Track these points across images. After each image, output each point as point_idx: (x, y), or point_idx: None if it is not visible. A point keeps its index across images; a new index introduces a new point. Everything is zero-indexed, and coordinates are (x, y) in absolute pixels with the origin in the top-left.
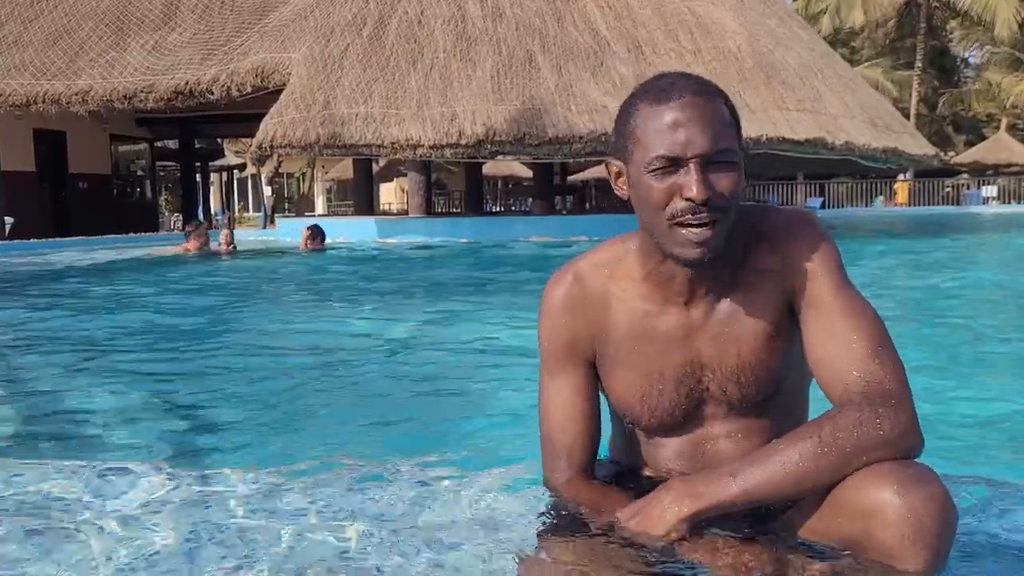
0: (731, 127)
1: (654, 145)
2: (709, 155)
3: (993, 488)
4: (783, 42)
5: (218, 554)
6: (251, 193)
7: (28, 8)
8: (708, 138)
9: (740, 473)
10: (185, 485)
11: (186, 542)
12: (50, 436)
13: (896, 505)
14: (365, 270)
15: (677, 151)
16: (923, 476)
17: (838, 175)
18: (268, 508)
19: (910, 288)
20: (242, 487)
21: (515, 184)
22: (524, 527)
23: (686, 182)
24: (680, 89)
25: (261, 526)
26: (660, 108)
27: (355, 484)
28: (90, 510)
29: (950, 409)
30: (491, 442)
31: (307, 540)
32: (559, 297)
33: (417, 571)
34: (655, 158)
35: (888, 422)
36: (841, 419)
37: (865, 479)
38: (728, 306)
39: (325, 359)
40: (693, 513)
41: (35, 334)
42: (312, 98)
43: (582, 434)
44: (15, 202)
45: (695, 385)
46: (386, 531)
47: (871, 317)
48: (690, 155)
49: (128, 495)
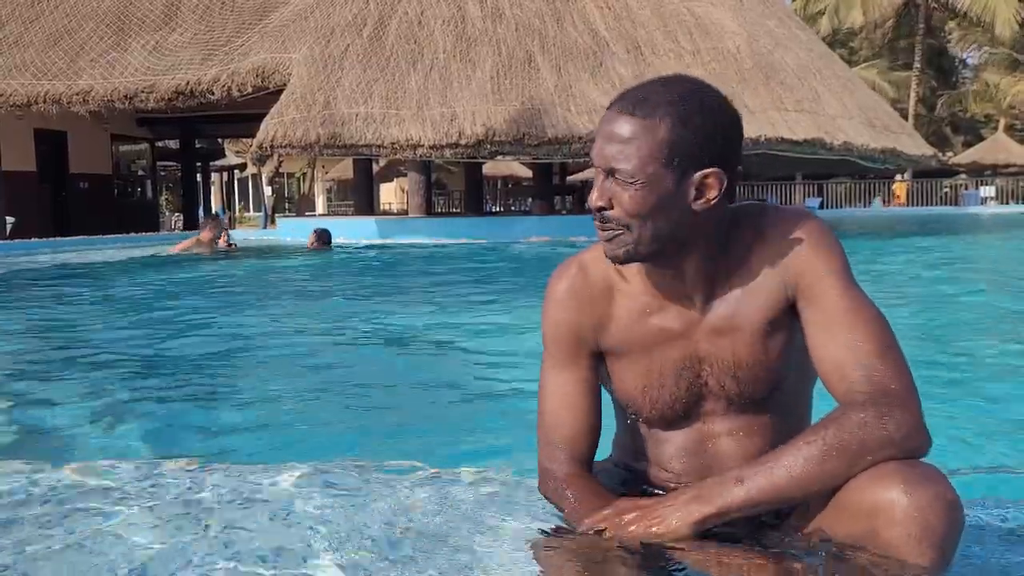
0: (654, 148)
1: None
2: (605, 169)
3: (997, 483)
4: (782, 43)
5: (208, 551)
6: (251, 193)
7: (29, 8)
8: (608, 154)
9: (747, 479)
10: (182, 484)
11: (183, 542)
12: (36, 434)
13: (903, 504)
14: (365, 270)
15: (592, 157)
16: (930, 475)
17: (837, 175)
18: (264, 507)
19: (908, 287)
20: (233, 483)
21: (515, 184)
22: (523, 527)
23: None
24: (620, 101)
25: (252, 522)
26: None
27: (354, 484)
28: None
29: (953, 406)
30: (489, 441)
31: (306, 540)
32: (564, 287)
33: (415, 571)
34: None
35: (893, 422)
36: (845, 421)
37: (871, 478)
38: (728, 302)
39: (325, 359)
40: (702, 518)
41: (34, 334)
42: (312, 98)
43: (583, 426)
44: (16, 202)
45: (694, 379)
46: (384, 531)
47: (876, 317)
48: (595, 164)
49: (154, 492)
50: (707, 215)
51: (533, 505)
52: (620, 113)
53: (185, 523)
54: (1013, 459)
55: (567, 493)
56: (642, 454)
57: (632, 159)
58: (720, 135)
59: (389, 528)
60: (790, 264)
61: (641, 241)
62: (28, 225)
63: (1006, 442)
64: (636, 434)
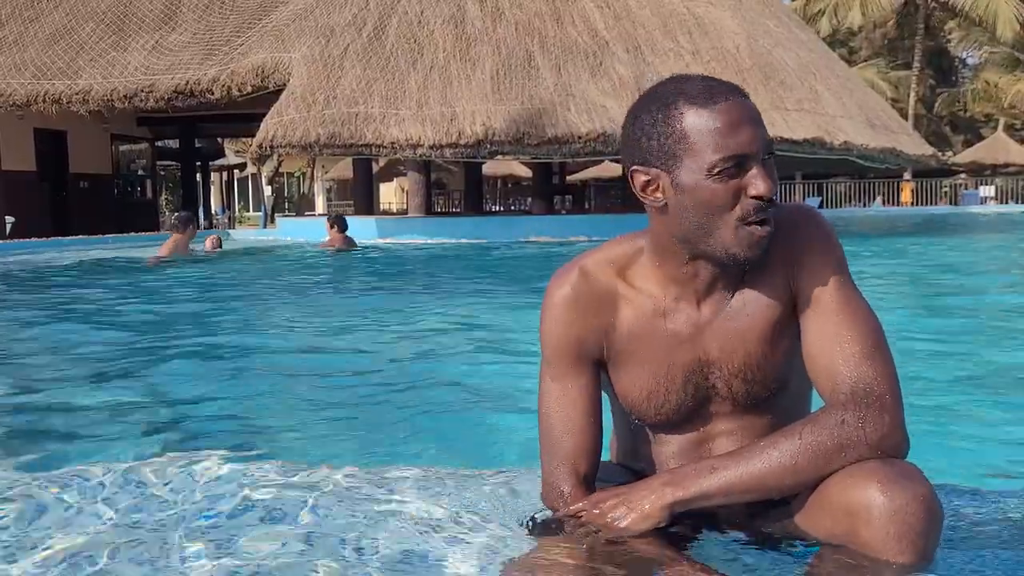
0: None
1: (718, 147)
2: (767, 151)
3: (982, 487)
4: (781, 42)
5: (206, 553)
6: (251, 193)
7: (29, 8)
8: (765, 134)
9: (722, 467)
10: (177, 482)
11: (180, 541)
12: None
13: (880, 504)
14: (364, 269)
15: (744, 150)
16: (908, 474)
17: (836, 175)
18: (264, 506)
19: (904, 285)
20: (235, 484)
21: (515, 184)
22: (521, 529)
23: (753, 181)
24: (724, 90)
25: (249, 525)
26: (715, 110)
27: (352, 484)
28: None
29: (942, 410)
30: (486, 443)
31: (305, 540)
32: (565, 294)
33: (413, 571)
34: (721, 160)
35: (871, 423)
36: (825, 419)
37: (850, 477)
38: (736, 303)
39: (324, 359)
40: (674, 501)
41: (31, 333)
42: (312, 98)
43: (586, 437)
44: (16, 202)
45: (702, 382)
46: (382, 531)
47: (867, 317)
48: (755, 153)
49: (154, 490)
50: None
51: (531, 506)
52: (739, 95)
53: (175, 524)
54: (1011, 458)
55: (570, 510)
56: (641, 454)
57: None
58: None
59: (384, 527)
60: (791, 261)
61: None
62: (28, 225)
63: (1005, 441)
64: (636, 435)
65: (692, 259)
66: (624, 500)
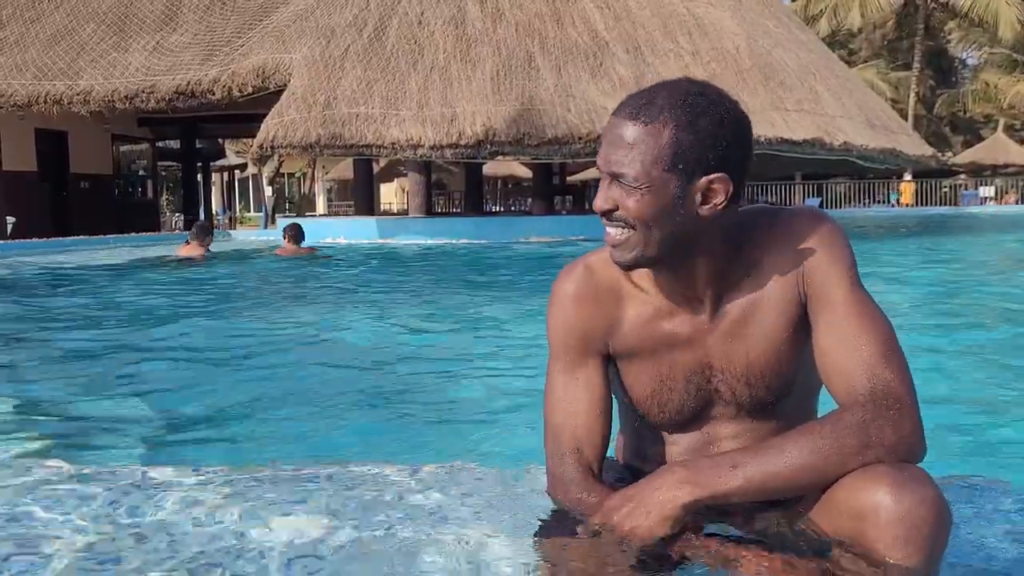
0: (657, 154)
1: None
2: (610, 174)
3: (988, 488)
4: (781, 43)
5: (198, 552)
6: (252, 193)
7: (30, 8)
8: (612, 159)
9: (742, 465)
10: (176, 483)
11: (175, 541)
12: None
13: (889, 507)
14: (364, 269)
15: (598, 162)
16: (917, 478)
17: (836, 176)
18: (259, 506)
19: (904, 285)
20: (225, 486)
21: (515, 184)
22: (521, 528)
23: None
24: (624, 106)
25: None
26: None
27: (351, 484)
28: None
29: (947, 407)
30: (487, 441)
31: (303, 540)
32: (572, 289)
33: (412, 571)
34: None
35: (891, 426)
36: (845, 418)
37: (859, 480)
38: (740, 307)
39: (323, 358)
40: (693, 501)
41: (28, 334)
42: (313, 99)
43: (592, 431)
44: (16, 202)
45: (704, 384)
46: (380, 531)
47: (880, 320)
48: (600, 169)
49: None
50: (714, 220)
51: (534, 504)
52: (624, 118)
53: (172, 523)
54: (1003, 458)
55: (577, 499)
56: (647, 454)
57: (635, 164)
58: (726, 138)
59: (382, 527)
60: (801, 265)
61: (648, 246)
62: (29, 225)
63: (1006, 441)
64: (641, 435)
65: (685, 260)
66: (640, 503)
